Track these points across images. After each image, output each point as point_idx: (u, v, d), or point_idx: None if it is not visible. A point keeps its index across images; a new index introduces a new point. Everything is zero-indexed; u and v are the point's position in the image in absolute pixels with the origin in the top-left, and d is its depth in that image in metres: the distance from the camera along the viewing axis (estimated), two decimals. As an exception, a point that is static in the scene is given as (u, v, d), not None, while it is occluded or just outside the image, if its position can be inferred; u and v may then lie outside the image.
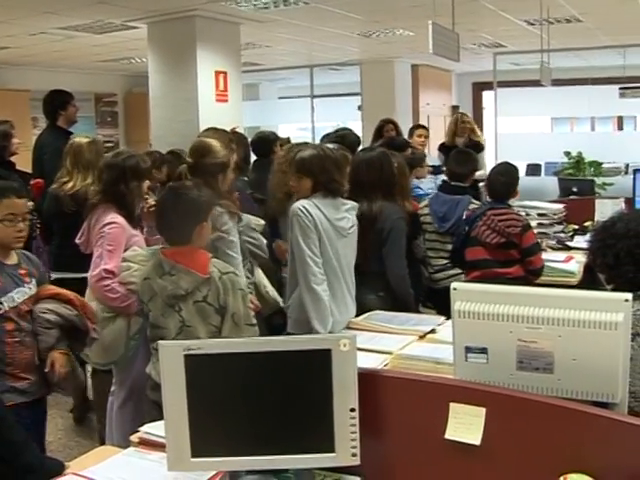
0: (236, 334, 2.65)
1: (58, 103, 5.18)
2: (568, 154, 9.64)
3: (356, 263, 3.42)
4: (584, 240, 4.22)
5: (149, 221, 3.45)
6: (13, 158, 4.85)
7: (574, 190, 6.42)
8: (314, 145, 4.14)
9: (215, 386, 1.78)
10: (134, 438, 2.12)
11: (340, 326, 3.19)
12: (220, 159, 3.28)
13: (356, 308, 3.37)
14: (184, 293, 2.67)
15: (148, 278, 2.75)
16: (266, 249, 3.62)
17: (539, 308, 1.78)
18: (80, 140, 4.16)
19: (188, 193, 2.77)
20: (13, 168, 4.78)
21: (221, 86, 7.14)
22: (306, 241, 3.14)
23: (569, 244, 5.15)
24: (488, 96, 12.17)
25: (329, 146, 3.71)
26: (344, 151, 4.04)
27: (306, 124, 12.43)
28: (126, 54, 9.29)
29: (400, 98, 10.89)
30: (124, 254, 3.13)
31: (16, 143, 4.85)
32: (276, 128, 10.71)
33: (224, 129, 4.03)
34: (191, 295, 2.67)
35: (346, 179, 3.54)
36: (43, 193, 4.46)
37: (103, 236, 3.22)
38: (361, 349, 2.39)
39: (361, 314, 3.31)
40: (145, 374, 2.84)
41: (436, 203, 4.50)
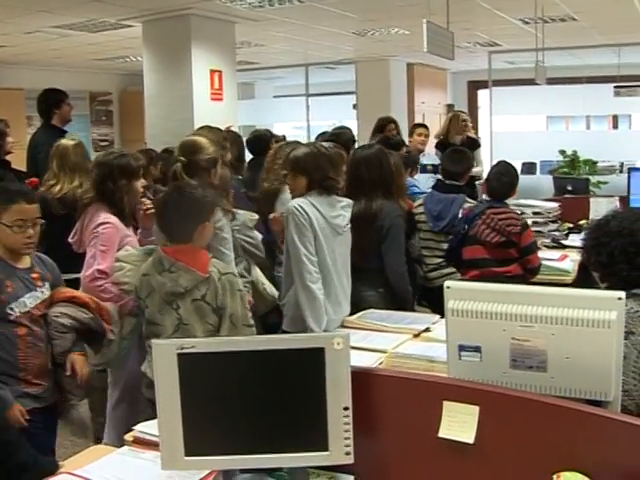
0: (234, 335, 2.64)
1: (52, 102, 5.18)
2: (563, 153, 9.68)
3: (355, 260, 3.43)
4: (579, 238, 4.22)
5: (145, 223, 3.44)
6: (8, 157, 4.83)
7: (569, 189, 6.44)
8: (308, 143, 4.15)
9: (209, 385, 1.78)
10: (128, 437, 2.12)
11: (335, 324, 3.19)
12: (210, 155, 3.28)
13: (356, 304, 3.38)
14: (183, 291, 2.66)
15: (147, 274, 2.75)
16: (262, 247, 3.61)
17: (532, 306, 1.78)
18: (66, 143, 4.14)
19: (193, 192, 2.77)
20: (8, 167, 4.77)
21: (216, 85, 7.13)
22: (302, 239, 3.14)
23: (564, 242, 5.16)
24: (483, 95, 12.20)
25: (323, 144, 3.71)
26: (338, 149, 4.04)
27: (301, 123, 12.43)
28: (121, 53, 9.28)
29: (395, 96, 10.89)
30: (117, 254, 3.11)
31: (11, 142, 4.84)
32: (271, 127, 10.67)
33: (218, 127, 4.03)
34: (190, 293, 2.67)
35: (341, 176, 3.54)
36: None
37: (97, 236, 3.20)
38: (355, 347, 2.41)
39: (360, 310, 3.31)
40: (139, 373, 2.84)
41: (431, 202, 4.49)
